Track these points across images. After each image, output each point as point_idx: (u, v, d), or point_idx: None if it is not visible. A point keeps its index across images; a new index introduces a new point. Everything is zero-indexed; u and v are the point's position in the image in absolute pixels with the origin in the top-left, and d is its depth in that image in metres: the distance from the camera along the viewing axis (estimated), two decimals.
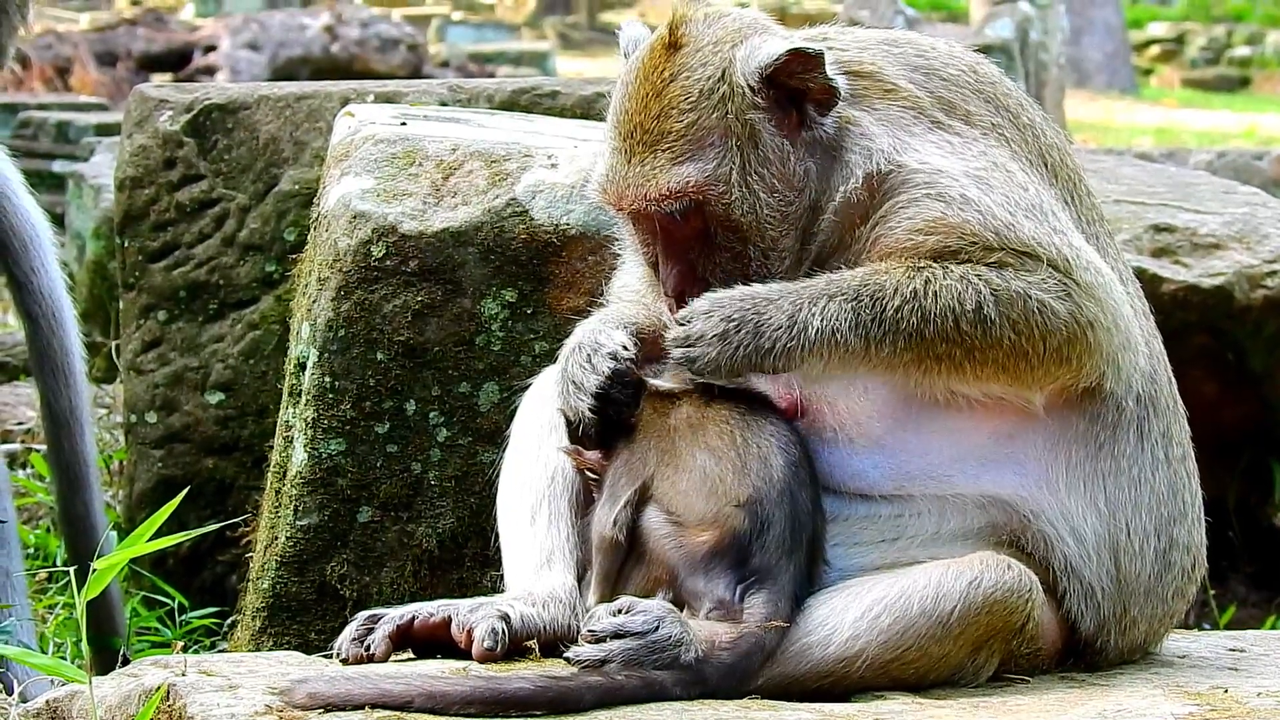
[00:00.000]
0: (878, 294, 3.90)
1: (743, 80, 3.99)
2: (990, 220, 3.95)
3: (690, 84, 4.00)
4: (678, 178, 3.98)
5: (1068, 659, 4.12)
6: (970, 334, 3.91)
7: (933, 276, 3.91)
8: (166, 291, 6.32)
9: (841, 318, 3.90)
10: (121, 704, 3.84)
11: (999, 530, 4.04)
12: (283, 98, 6.31)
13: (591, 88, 6.45)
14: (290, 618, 5.09)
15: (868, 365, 3.94)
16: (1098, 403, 4.06)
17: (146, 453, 6.33)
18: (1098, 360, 4.00)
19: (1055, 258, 3.96)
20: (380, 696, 3.59)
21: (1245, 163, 16.19)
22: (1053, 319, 3.93)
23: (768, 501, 3.87)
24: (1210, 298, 6.34)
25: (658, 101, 4.00)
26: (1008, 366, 3.95)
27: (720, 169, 3.98)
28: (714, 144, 3.99)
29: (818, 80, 3.99)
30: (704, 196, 3.98)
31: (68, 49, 22.41)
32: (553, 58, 28.39)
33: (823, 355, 3.91)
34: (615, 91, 4.10)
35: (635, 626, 3.74)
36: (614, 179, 4.04)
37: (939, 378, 3.96)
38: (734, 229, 4.01)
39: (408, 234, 5.00)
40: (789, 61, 3.97)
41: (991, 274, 3.93)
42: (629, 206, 4.04)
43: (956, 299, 3.90)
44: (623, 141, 4.03)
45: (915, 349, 3.91)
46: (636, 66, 4.06)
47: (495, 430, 4.88)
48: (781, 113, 4.02)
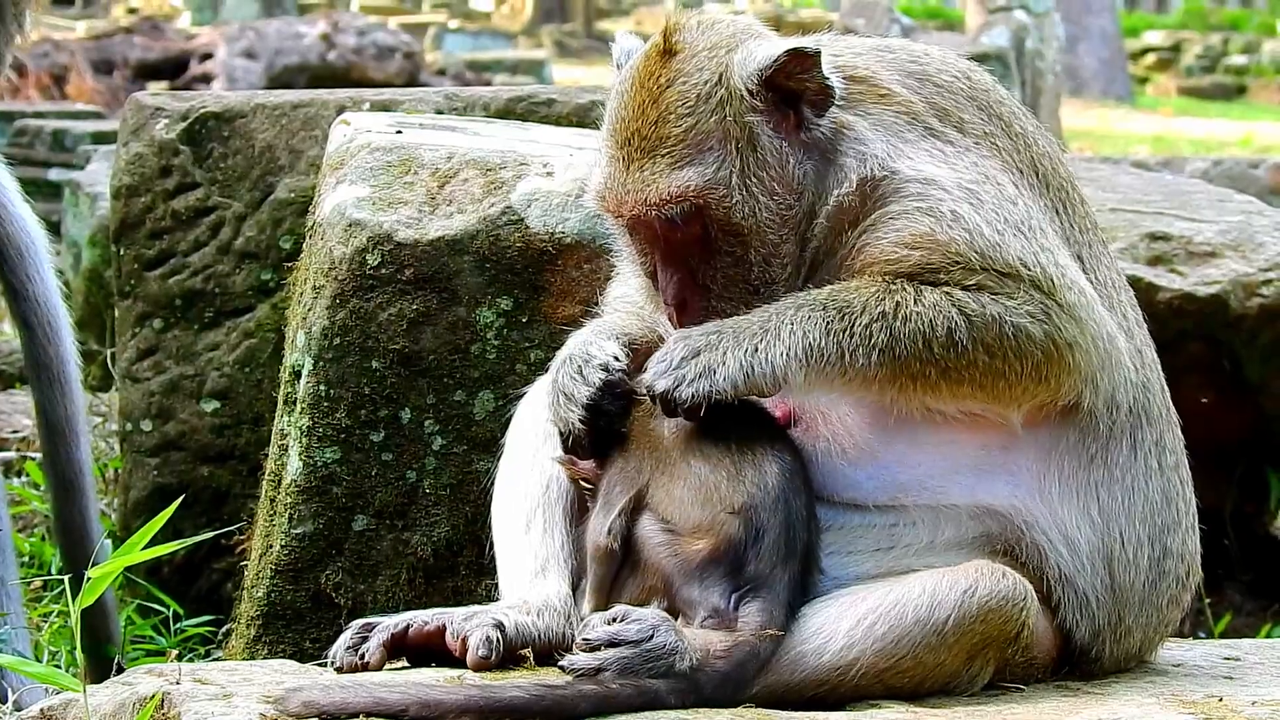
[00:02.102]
0: (846, 309, 3.90)
1: (741, 83, 3.98)
2: (977, 240, 3.94)
3: (687, 89, 3.98)
4: (678, 182, 3.96)
5: (1063, 668, 4.11)
6: (943, 356, 3.90)
7: (903, 300, 3.90)
8: (162, 299, 6.31)
9: (811, 327, 3.89)
10: (116, 712, 3.83)
11: (993, 540, 4.03)
12: (279, 106, 6.31)
13: (588, 96, 6.45)
14: (285, 626, 5.09)
15: (845, 378, 3.91)
16: (1086, 416, 4.06)
17: (142, 461, 6.33)
18: (1075, 380, 3.99)
19: (1039, 278, 3.95)
20: (375, 705, 3.59)
21: (1241, 171, 16.19)
22: (1027, 342, 3.93)
23: (763, 509, 3.87)
24: (1206, 306, 6.34)
25: (655, 108, 3.98)
26: (984, 385, 3.94)
27: (720, 172, 3.97)
28: (713, 148, 3.98)
29: (814, 80, 3.98)
30: (704, 200, 3.97)
31: (64, 57, 22.40)
32: (549, 66, 28.40)
33: (802, 362, 3.88)
34: (610, 100, 4.08)
35: (630, 635, 3.74)
36: (612, 186, 4.02)
37: (915, 394, 3.94)
38: (735, 233, 4.00)
39: (403, 242, 5.00)
40: (787, 62, 3.96)
41: (967, 298, 3.92)
42: (629, 213, 4.02)
43: (927, 324, 3.89)
44: (620, 149, 4.01)
45: (889, 365, 3.89)
46: (631, 74, 4.05)
47: (490, 439, 4.88)
48: (779, 115, 4.01)
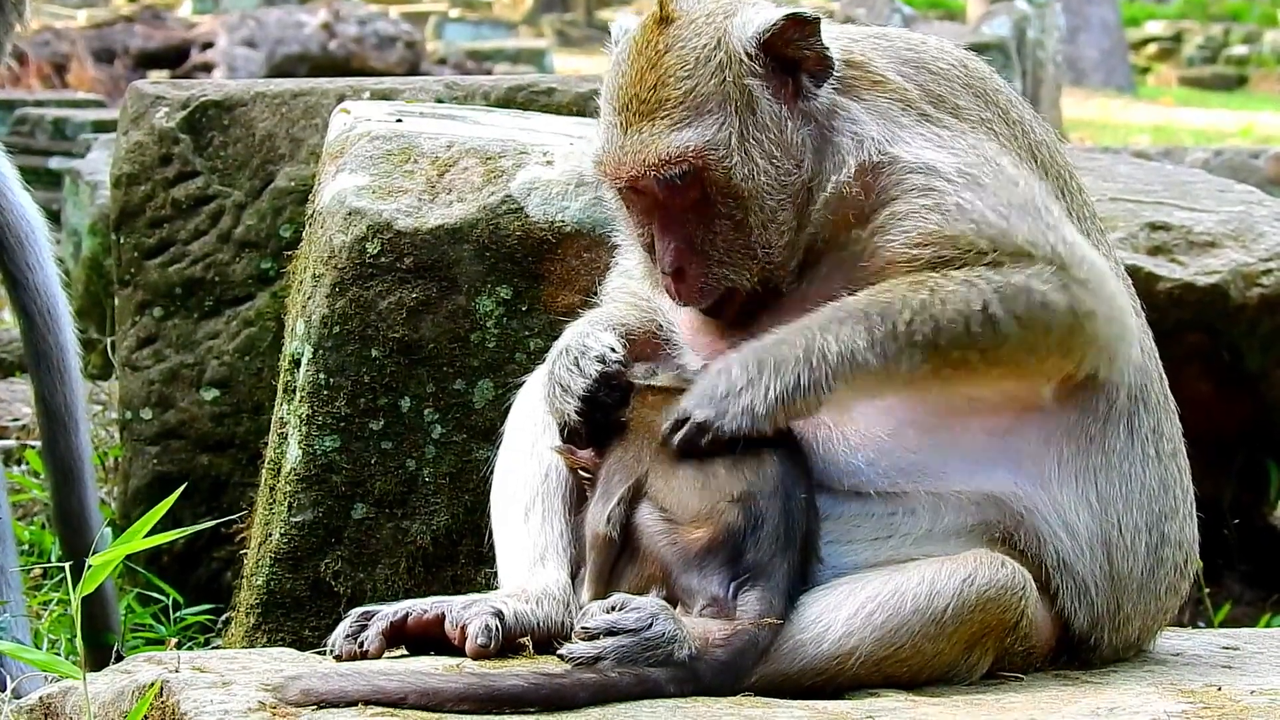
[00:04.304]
0: (886, 311, 3.91)
1: (739, 46, 3.98)
2: (985, 229, 3.95)
3: (686, 53, 3.98)
4: (678, 143, 3.95)
5: (1061, 656, 4.12)
6: (981, 334, 3.91)
7: (936, 285, 3.91)
8: (162, 288, 6.31)
9: (857, 339, 3.89)
10: (115, 700, 3.84)
11: (992, 527, 4.03)
12: (279, 94, 6.30)
13: (588, 85, 6.45)
14: (284, 614, 5.09)
15: (889, 384, 3.94)
16: (1089, 393, 4.06)
17: (141, 449, 6.33)
18: (1098, 349, 4.01)
19: (1050, 255, 3.97)
20: (374, 693, 3.59)
21: (1242, 161, 16.20)
22: (1055, 311, 3.94)
23: (761, 497, 3.87)
24: (1205, 296, 6.33)
25: (654, 73, 3.98)
26: (1017, 360, 3.95)
27: (720, 134, 3.97)
28: (712, 110, 3.97)
29: (814, 48, 3.99)
30: (704, 161, 3.96)
31: (65, 46, 22.39)
32: (550, 55, 28.35)
33: (847, 380, 3.89)
34: (608, 72, 4.09)
35: (629, 623, 3.74)
36: (610, 150, 4.02)
37: (955, 384, 3.97)
38: (734, 195, 3.99)
39: (403, 231, 5.00)
40: (786, 27, 3.97)
41: (990, 272, 3.93)
42: (627, 175, 4.00)
43: (964, 301, 3.90)
44: (618, 114, 4.01)
45: (932, 360, 3.91)
46: (629, 43, 4.05)
47: (490, 427, 4.88)
48: (778, 81, 4.01)
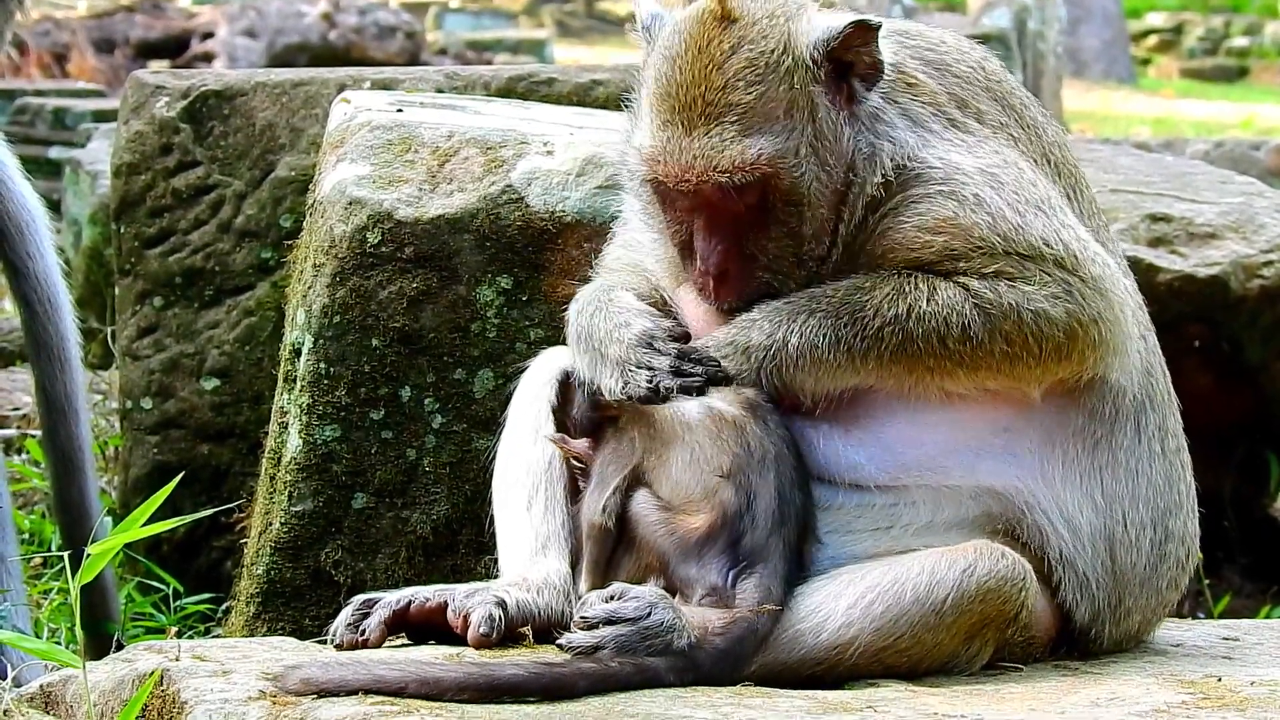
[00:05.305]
0: (858, 313, 3.92)
1: (806, 53, 3.96)
2: (999, 224, 3.95)
3: (755, 55, 3.95)
4: (751, 150, 3.92)
5: (1061, 647, 4.12)
6: (958, 350, 3.93)
7: (916, 300, 3.92)
8: (162, 278, 6.32)
9: (820, 336, 3.91)
10: (115, 689, 3.84)
11: (994, 520, 4.03)
12: (279, 84, 6.30)
13: (588, 75, 6.44)
14: (285, 603, 5.09)
15: (857, 377, 3.96)
16: (1096, 396, 4.06)
17: (142, 438, 6.33)
18: (1102, 353, 4.01)
19: (1063, 255, 3.96)
20: (374, 682, 3.59)
21: (1242, 153, 16.17)
22: (1048, 325, 3.94)
23: (749, 469, 3.87)
24: (1206, 287, 6.34)
25: (720, 74, 3.93)
26: (1003, 369, 3.96)
27: (789, 142, 3.94)
28: (779, 117, 3.95)
29: (870, 54, 3.98)
30: (774, 169, 3.93)
31: (65, 35, 22.35)
32: (550, 45, 28.32)
33: (806, 369, 3.93)
34: (655, 64, 4.00)
35: (627, 612, 3.74)
36: (672, 151, 3.95)
37: (932, 382, 3.97)
38: (795, 203, 3.97)
39: (403, 220, 5.00)
40: (850, 34, 3.96)
41: (984, 288, 3.93)
42: (695, 178, 3.94)
43: (941, 323, 3.91)
44: (678, 114, 3.94)
45: (904, 361, 3.93)
46: (683, 39, 3.98)
47: (490, 417, 4.88)
48: (834, 87, 4.00)
